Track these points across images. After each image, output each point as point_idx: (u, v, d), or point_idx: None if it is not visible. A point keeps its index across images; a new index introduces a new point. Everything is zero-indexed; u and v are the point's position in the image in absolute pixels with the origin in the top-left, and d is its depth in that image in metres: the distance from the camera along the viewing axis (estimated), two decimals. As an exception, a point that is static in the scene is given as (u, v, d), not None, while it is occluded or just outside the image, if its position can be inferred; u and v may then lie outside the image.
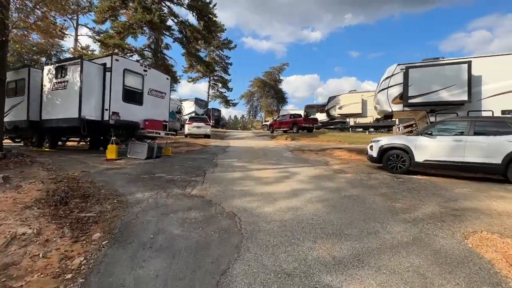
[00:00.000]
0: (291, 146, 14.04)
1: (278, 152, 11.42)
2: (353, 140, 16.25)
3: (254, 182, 5.69)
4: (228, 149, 12.40)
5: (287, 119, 24.02)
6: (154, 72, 9.16)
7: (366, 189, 5.25)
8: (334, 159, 9.41)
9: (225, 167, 7.36)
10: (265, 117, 46.56)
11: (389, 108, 10.51)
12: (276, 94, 45.61)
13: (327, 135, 19.62)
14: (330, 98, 22.62)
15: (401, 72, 10.34)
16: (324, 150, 11.26)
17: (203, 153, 10.99)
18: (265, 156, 10.05)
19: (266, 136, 23.64)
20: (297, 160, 9.25)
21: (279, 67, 46.39)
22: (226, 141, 17.99)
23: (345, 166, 8.04)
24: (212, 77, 37.99)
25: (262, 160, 8.91)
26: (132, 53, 16.68)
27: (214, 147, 13.81)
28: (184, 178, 5.70)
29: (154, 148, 8.02)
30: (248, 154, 10.78)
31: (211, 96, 39.21)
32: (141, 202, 4.06)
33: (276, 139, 19.89)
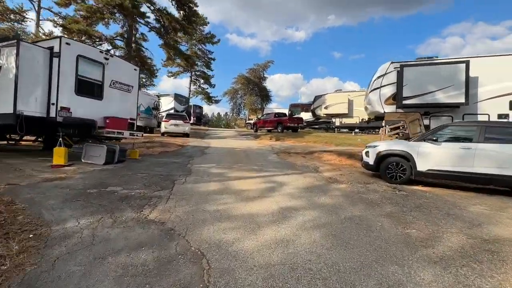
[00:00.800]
0: (276, 147, 13.09)
1: (262, 155, 10.41)
2: (340, 142, 15.61)
3: (233, 197, 4.63)
4: (207, 151, 11.22)
5: (272, 118, 23.11)
6: (118, 61, 7.79)
7: (369, 207, 4.35)
8: (324, 164, 8.54)
9: (200, 175, 6.23)
10: (248, 115, 45.51)
11: (382, 109, 9.81)
12: (260, 92, 44.72)
13: (312, 136, 18.91)
14: (316, 97, 21.97)
15: (394, 71, 9.66)
16: (311, 153, 10.40)
17: (178, 155, 9.74)
18: (248, 160, 9.00)
19: (250, 135, 22.61)
20: (284, 165, 8.28)
21: (263, 64, 45.53)
22: (207, 140, 16.75)
23: (337, 173, 7.17)
24: (194, 72, 36.31)
25: (244, 166, 7.85)
26: (101, 41, 14.97)
27: (192, 147, 12.57)
28: (145, 192, 4.52)
29: (115, 151, 6.73)
30: (229, 157, 9.68)
31: (193, 92, 37.54)
32: (70, 237, 2.87)
33: (260, 139, 18.91)
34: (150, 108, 20.49)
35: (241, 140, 18.46)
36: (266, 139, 18.85)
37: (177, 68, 34.16)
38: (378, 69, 10.25)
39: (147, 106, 20.23)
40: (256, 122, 25.76)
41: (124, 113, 7.67)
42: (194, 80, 37.85)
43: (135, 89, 8.30)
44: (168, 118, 16.84)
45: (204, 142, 15.68)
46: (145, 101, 20.06)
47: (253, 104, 44.41)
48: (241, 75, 44.50)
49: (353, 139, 16.70)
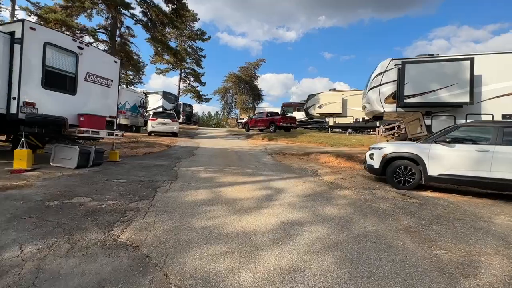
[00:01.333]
0: (270, 148, 12.46)
1: (256, 156, 9.75)
2: (335, 142, 15.13)
3: (225, 208, 3.94)
4: (196, 152, 10.46)
5: (264, 117, 22.48)
6: (95, 52, 6.94)
7: (382, 220, 3.76)
8: (322, 167, 7.96)
9: (187, 180, 5.50)
10: (240, 114, 44.76)
11: (381, 108, 9.30)
12: (252, 90, 44.04)
13: (306, 136, 18.39)
14: (310, 96, 21.46)
15: (395, 68, 9.16)
16: (308, 155, 9.81)
17: (164, 156, 8.95)
18: (241, 162, 8.32)
19: (241, 135, 21.91)
20: (279, 168, 7.64)
21: (255, 63, 44.85)
22: (196, 140, 15.94)
23: (338, 177, 6.59)
24: (183, 69, 35.24)
25: (236, 169, 7.16)
26: (82, 33, 13.92)
27: (181, 148, 11.77)
28: (119, 204, 3.77)
29: (90, 152, 5.91)
30: (219, 158, 8.96)
31: (182, 90, 36.43)
32: (3, 275, 2.12)
33: (252, 139, 18.24)
34: (136, 106, 19.47)
35: (232, 140, 17.75)
36: (259, 139, 18.21)
37: (166, 65, 33.00)
38: (377, 66, 9.74)
39: (133, 103, 19.21)
40: (248, 121, 25.08)
41: (102, 110, 6.84)
42: (184, 77, 36.77)
43: (115, 83, 7.46)
44: (155, 117, 15.92)
45: (194, 142, 14.88)
46: (131, 99, 19.04)
47: (245, 103, 43.67)
48: (232, 73, 43.67)
49: (348, 140, 16.27)
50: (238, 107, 45.24)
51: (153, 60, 32.28)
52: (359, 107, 19.92)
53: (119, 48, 15.60)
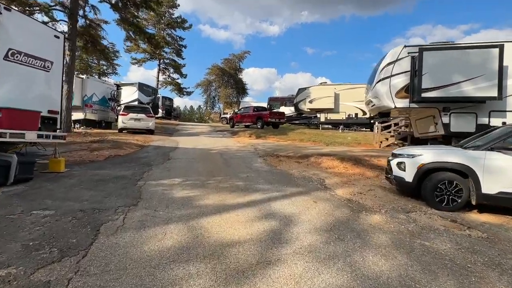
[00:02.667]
0: (260, 148, 10.89)
1: (245, 160, 8.15)
2: (329, 140, 13.86)
3: (209, 271, 2.34)
4: (173, 154, 8.69)
5: (251, 112, 20.85)
6: (24, 21, 4.99)
7: (464, 283, 2.32)
8: (328, 175, 6.52)
9: (154, 205, 3.81)
10: (223, 108, 42.79)
11: (391, 103, 8.00)
12: (236, 84, 42.08)
13: (296, 133, 17.02)
14: (300, 90, 20.03)
15: (408, 57, 7.87)
16: (307, 158, 8.35)
17: (132, 162, 7.14)
18: (228, 169, 6.69)
19: (226, 131, 20.17)
20: (277, 177, 6.10)
21: (239, 55, 42.83)
22: (175, 138, 14.05)
23: (354, 190, 5.18)
24: (162, 59, 32.63)
25: (223, 180, 5.53)
26: (33, 10, 11.49)
27: (155, 149, 9.92)
28: (9, 275, 2.05)
29: (10, 165, 4.04)
30: (202, 164, 7.27)
31: (161, 82, 33.84)
32: None
33: (238, 137, 16.60)
34: (106, 98, 17.14)
35: (216, 137, 16.00)
36: (245, 136, 16.61)
37: (142, 54, 30.28)
38: (386, 54, 8.39)
39: (102, 96, 16.87)
40: (233, 116, 23.35)
41: (35, 102, 4.93)
42: (163, 69, 34.09)
43: (58, 66, 5.52)
44: (126, 111, 13.80)
45: (172, 140, 13.00)
46: (99, 90, 16.69)
47: (228, 97, 41.67)
48: (216, 65, 41.40)
49: (343, 137, 15.07)
50: (221, 101, 43.15)
51: (128, 49, 29.47)
52: (352, 102, 18.85)
53: (82, 29, 13.23)
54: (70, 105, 12.87)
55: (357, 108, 18.26)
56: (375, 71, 8.95)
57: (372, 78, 9.52)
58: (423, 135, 9.29)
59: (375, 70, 8.86)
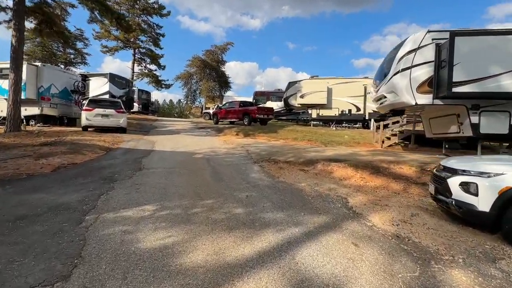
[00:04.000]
0: (252, 150, 9.35)
1: (239, 169, 6.59)
2: (326, 139, 12.62)
3: None
4: (146, 162, 6.93)
5: (236, 107, 19.19)
6: None
7: None
8: (348, 190, 5.13)
9: (99, 279, 2.17)
10: (205, 103, 40.59)
11: (412, 99, 6.76)
12: (219, 77, 39.99)
13: (288, 130, 15.65)
14: (290, 84, 18.59)
15: (432, 44, 6.64)
16: (312, 164, 6.95)
17: (86, 176, 5.33)
18: (219, 186, 5.08)
19: (209, 128, 18.37)
20: (286, 196, 4.61)
21: (222, 47, 40.64)
22: (151, 138, 12.12)
23: (394, 217, 3.82)
24: (138, 48, 29.83)
25: (215, 207, 3.94)
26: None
27: (124, 153, 8.08)
28: None
29: None
30: (184, 177, 5.61)
31: (137, 74, 31.04)
32: None
33: (224, 135, 14.93)
34: (68, 90, 14.71)
35: (199, 136, 14.23)
36: (232, 134, 14.99)
37: (114, 42, 27.35)
38: (405, 40, 7.11)
39: (64, 87, 14.43)
40: (216, 112, 21.55)
41: None
42: (139, 59, 31.23)
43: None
44: (91, 106, 11.62)
45: (147, 141, 11.10)
46: (60, 80, 14.23)
47: (211, 91, 39.50)
48: (197, 57, 38.93)
49: (339, 136, 13.90)
50: (203, 95, 40.88)
51: (98, 35, 26.39)
52: (345, 98, 17.72)
53: (33, 6, 10.82)
54: (18, 98, 10.53)
55: (351, 104, 17.20)
56: (389, 62, 7.66)
57: (383, 71, 8.25)
58: (439, 135, 8.21)
59: (390, 60, 7.56)
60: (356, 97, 17.04)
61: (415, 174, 6.00)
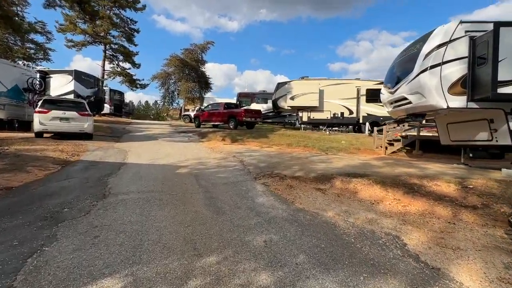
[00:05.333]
0: (247, 160, 7.90)
1: (238, 190, 5.10)
2: (323, 145, 11.49)
3: None
4: (114, 183, 5.21)
5: (221, 109, 17.62)
6: None
7: None
8: (393, 221, 3.86)
9: None
10: (185, 104, 38.38)
11: (443, 101, 5.71)
12: (199, 77, 37.97)
13: (278, 135, 14.39)
14: (279, 84, 17.34)
15: (466, 37, 5.66)
16: (328, 181, 5.65)
17: (16, 214, 3.58)
18: (221, 225, 3.56)
19: (191, 133, 16.62)
20: (320, 240, 3.22)
21: (202, 46, 38.64)
22: (124, 146, 10.23)
23: (488, 275, 2.57)
24: (109, 44, 27.14)
25: (222, 270, 2.45)
26: None
27: (85, 170, 6.27)
28: None
29: None
30: (166, 209, 4.01)
31: (109, 72, 28.26)
32: None
33: (209, 140, 13.33)
34: (20, 88, 12.31)
35: (181, 142, 12.48)
36: (218, 139, 13.44)
37: (81, 36, 24.54)
38: (432, 33, 6.07)
39: (14, 84, 12.04)
40: (198, 114, 19.80)
41: None
42: (110, 56, 28.47)
43: None
44: (46, 107, 9.51)
45: (118, 150, 9.23)
46: (9, 77, 11.83)
47: (190, 92, 37.34)
48: (175, 56, 36.65)
49: (334, 140, 12.85)
50: (182, 96, 38.56)
51: (62, 28, 23.46)
52: (337, 100, 16.76)
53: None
54: None
55: (343, 106, 16.31)
56: (409, 59, 6.60)
57: (400, 71, 7.21)
58: (460, 143, 7.29)
59: (411, 57, 6.50)
60: (349, 100, 16.19)
61: (457, 194, 4.91)
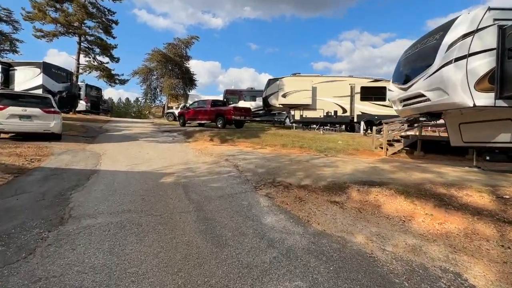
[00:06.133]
0: (242, 164, 6.94)
1: (238, 206, 4.14)
2: (320, 145, 10.75)
3: None
4: (78, 199, 4.08)
5: (208, 107, 16.49)
6: None
7: None
8: (441, 249, 3.06)
9: None
10: (168, 102, 36.67)
11: (469, 99, 5.05)
12: (183, 74, 36.35)
13: (270, 135, 13.51)
14: (270, 81, 16.43)
15: (494, 26, 4.99)
16: (341, 190, 4.82)
17: None
18: (220, 260, 2.57)
19: (176, 132, 15.37)
20: (361, 286, 2.34)
21: (186, 40, 37.01)
22: (98, 147, 8.92)
23: None
24: (84, 35, 25.02)
25: None
26: None
27: (44, 181, 5.05)
28: None
29: None
30: (146, 241, 2.98)
31: (84, 66, 26.11)
32: None
33: (195, 140, 12.20)
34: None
35: (165, 143, 11.27)
36: (205, 139, 12.36)
37: (52, 26, 22.34)
38: (456, 20, 5.39)
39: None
40: (183, 112, 18.52)
41: None
42: (86, 48, 26.31)
43: None
44: (3, 103, 8.04)
45: (91, 153, 7.95)
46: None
47: (174, 89, 35.65)
48: (157, 50, 34.79)
49: (329, 140, 12.16)
50: (165, 93, 36.76)
51: (29, 16, 21.21)
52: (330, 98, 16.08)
53: None
54: None
55: (336, 104, 15.69)
56: (426, 52, 5.90)
57: (409, 67, 6.52)
58: (475, 144, 6.73)
59: (429, 50, 5.79)
60: (342, 98, 15.59)
61: (494, 206, 4.23)
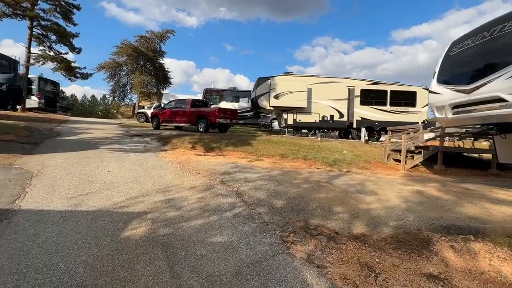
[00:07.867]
0: (247, 191, 4.92)
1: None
2: (324, 156, 9.10)
3: None
4: None
5: (187, 108, 14.18)
6: None
7: None
8: None
9: None
10: (139, 101, 33.25)
11: None
12: (156, 70, 33.23)
13: (262, 142, 11.60)
14: (260, 80, 14.47)
15: None
16: (425, 247, 3.02)
17: None
18: None
19: (149, 137, 12.79)
20: None
21: (161, 34, 33.93)
22: (35, 159, 6.30)
23: None
24: (37, 19, 21.24)
25: None
26: None
27: None
28: None
29: None
30: None
31: (37, 56, 22.21)
32: None
33: (174, 149, 9.89)
34: None
35: (135, 153, 8.79)
36: (185, 147, 10.15)
37: (-6, 5, 18.45)
38: None
39: None
40: (158, 112, 15.94)
41: None
42: (39, 35, 22.43)
43: None
44: None
45: (16, 173, 5.40)
46: None
47: (146, 86, 32.37)
48: (128, 43, 31.39)
49: (332, 149, 10.58)
50: (136, 91, 33.28)
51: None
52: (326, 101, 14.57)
53: None
54: None
55: (333, 108, 14.27)
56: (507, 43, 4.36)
57: (473, 63, 5.00)
58: None
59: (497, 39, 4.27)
60: (339, 101, 14.21)
61: None
